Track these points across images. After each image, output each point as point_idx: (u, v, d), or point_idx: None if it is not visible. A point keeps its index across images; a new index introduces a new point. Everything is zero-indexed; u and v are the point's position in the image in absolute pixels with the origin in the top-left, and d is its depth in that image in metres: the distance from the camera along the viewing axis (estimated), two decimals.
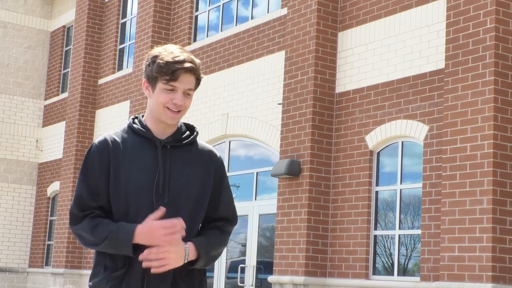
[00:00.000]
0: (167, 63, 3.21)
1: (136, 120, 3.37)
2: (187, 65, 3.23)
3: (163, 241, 3.14)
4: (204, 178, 3.34)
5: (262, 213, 14.24)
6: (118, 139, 3.30)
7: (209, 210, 3.38)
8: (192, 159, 3.34)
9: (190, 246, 3.21)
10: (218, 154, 3.43)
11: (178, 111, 3.27)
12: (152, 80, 3.27)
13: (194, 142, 3.39)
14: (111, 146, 3.27)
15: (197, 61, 3.30)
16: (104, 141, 3.29)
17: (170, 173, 3.27)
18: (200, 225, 3.40)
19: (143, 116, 3.38)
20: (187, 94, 3.28)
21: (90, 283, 3.27)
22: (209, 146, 3.44)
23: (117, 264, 3.22)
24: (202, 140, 17.13)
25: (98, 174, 3.25)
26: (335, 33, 13.00)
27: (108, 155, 3.26)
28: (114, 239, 3.15)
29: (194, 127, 3.43)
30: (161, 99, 3.26)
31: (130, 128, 3.34)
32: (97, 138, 3.33)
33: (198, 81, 3.31)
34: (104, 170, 3.25)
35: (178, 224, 3.16)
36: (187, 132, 3.39)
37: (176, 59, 3.22)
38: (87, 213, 3.24)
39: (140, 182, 3.22)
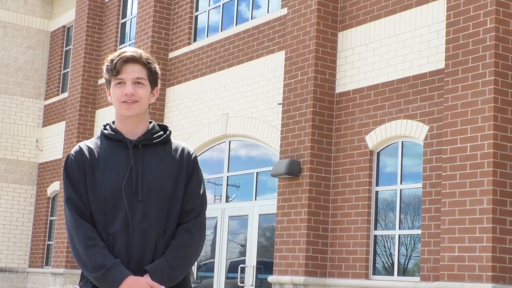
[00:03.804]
0: (111, 60, 3.38)
1: (107, 127, 3.49)
2: (127, 54, 3.37)
3: None
4: (177, 174, 3.42)
5: (262, 213, 14.23)
6: (92, 146, 3.42)
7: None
8: (165, 157, 3.43)
9: None
10: (191, 150, 3.53)
11: (134, 102, 3.37)
12: (107, 84, 3.43)
13: (167, 141, 3.49)
14: (86, 154, 3.39)
15: (143, 52, 3.42)
16: (80, 151, 3.41)
17: (143, 171, 3.37)
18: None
19: (113, 122, 3.50)
20: (138, 83, 3.38)
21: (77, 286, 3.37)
22: (183, 144, 3.54)
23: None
24: (202, 140, 16.86)
25: (80, 183, 3.36)
26: (335, 33, 12.99)
27: (84, 164, 3.37)
28: (101, 279, 3.24)
29: (167, 127, 3.53)
30: (115, 95, 3.39)
31: (102, 134, 3.46)
32: (73, 149, 3.44)
33: (149, 70, 3.41)
34: (84, 179, 3.36)
35: None
36: (160, 132, 3.48)
37: (118, 54, 3.39)
38: (85, 224, 3.31)
39: (115, 183, 3.32)
